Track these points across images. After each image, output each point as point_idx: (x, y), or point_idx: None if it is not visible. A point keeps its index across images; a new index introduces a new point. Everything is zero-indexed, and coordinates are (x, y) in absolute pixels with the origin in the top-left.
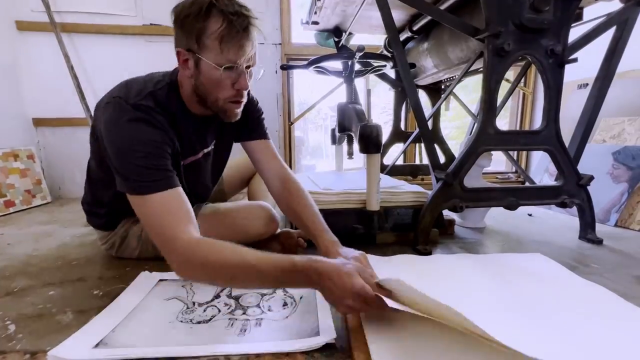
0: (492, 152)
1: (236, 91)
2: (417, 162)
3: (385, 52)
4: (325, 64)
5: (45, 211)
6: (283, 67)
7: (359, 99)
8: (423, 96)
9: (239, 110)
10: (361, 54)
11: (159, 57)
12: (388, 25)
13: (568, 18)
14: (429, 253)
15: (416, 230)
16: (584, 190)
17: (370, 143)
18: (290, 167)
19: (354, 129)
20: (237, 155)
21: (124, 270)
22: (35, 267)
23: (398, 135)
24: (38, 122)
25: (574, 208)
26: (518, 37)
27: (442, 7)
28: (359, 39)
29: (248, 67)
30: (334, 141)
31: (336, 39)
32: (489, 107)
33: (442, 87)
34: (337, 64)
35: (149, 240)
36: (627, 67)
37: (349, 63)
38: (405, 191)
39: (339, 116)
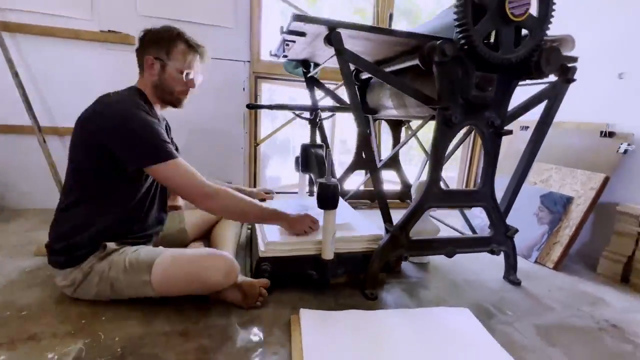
0: None
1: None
2: None
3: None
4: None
5: None
6: (249, 107)
7: (325, 134)
8: (385, 127)
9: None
10: (326, 109)
11: (121, 66)
12: (347, 81)
13: (507, 96)
14: (375, 298)
15: (366, 275)
16: (510, 240)
17: (327, 201)
18: (255, 179)
19: (314, 176)
20: None
21: (80, 323)
22: None
23: (359, 163)
24: None
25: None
26: (465, 110)
27: (403, 65)
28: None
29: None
30: (297, 168)
31: (304, 70)
32: (435, 168)
33: (404, 122)
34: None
35: (109, 279)
36: (558, 119)
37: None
38: (359, 237)
39: (302, 157)
